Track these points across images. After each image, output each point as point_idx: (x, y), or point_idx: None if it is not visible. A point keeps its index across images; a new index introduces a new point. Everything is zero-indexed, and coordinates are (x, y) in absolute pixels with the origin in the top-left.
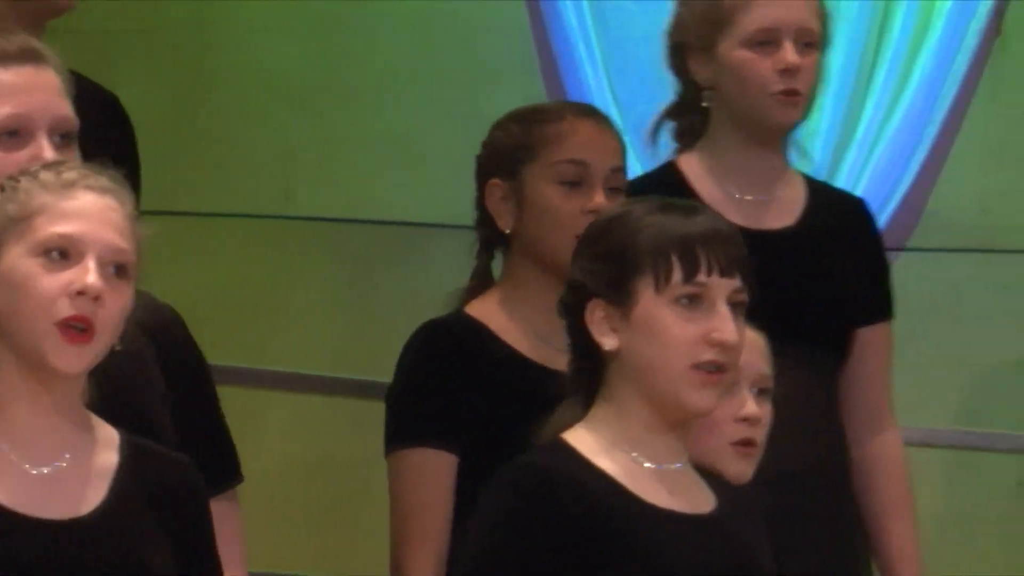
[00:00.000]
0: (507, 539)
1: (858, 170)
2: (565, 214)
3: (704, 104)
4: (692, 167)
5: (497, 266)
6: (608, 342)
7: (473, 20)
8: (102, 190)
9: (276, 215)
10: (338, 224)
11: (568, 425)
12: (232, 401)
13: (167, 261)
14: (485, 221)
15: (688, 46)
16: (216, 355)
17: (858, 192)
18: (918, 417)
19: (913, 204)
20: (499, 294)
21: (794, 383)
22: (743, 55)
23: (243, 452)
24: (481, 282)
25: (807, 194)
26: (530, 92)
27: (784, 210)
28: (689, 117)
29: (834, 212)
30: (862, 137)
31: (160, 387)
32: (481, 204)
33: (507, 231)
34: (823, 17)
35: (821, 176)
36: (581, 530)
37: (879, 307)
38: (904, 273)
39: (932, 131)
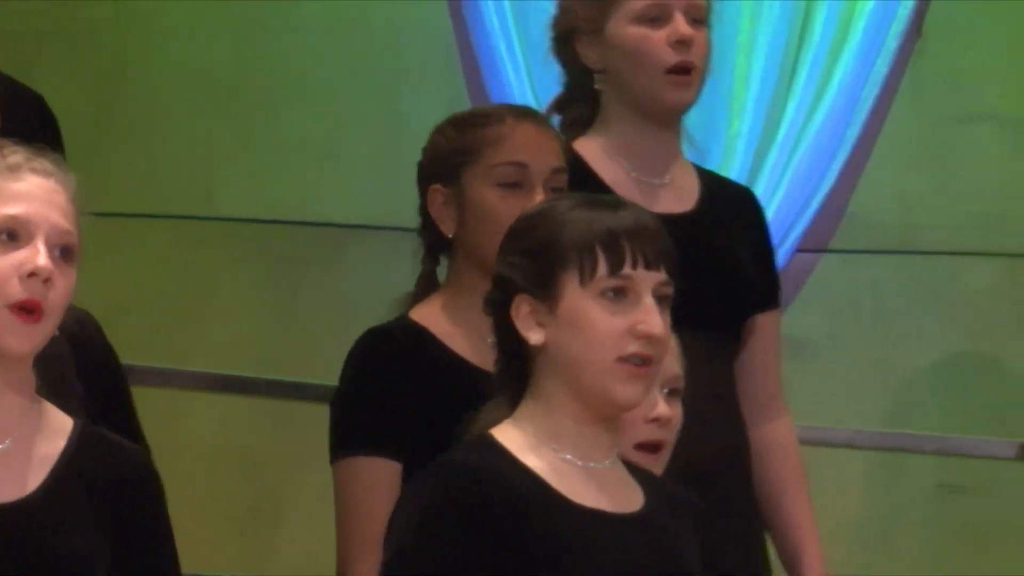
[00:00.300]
0: (429, 537)
1: (779, 172)
2: (505, 216)
3: (596, 87)
4: (590, 150)
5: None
6: (534, 337)
7: (394, 21)
8: (46, 173)
9: (199, 216)
10: (260, 225)
11: (496, 422)
12: (156, 402)
13: (90, 262)
14: (428, 227)
15: (576, 31)
16: (140, 356)
17: (780, 194)
18: (840, 418)
19: (834, 205)
20: (442, 299)
21: (698, 370)
22: (634, 31)
23: (166, 453)
24: (425, 287)
25: (699, 180)
26: (452, 93)
27: (681, 195)
28: (578, 107)
29: (727, 199)
30: (783, 139)
31: (77, 390)
32: (424, 210)
33: (450, 236)
34: None
35: (743, 179)
36: (504, 529)
37: (771, 293)
38: (825, 274)
39: (853, 133)
